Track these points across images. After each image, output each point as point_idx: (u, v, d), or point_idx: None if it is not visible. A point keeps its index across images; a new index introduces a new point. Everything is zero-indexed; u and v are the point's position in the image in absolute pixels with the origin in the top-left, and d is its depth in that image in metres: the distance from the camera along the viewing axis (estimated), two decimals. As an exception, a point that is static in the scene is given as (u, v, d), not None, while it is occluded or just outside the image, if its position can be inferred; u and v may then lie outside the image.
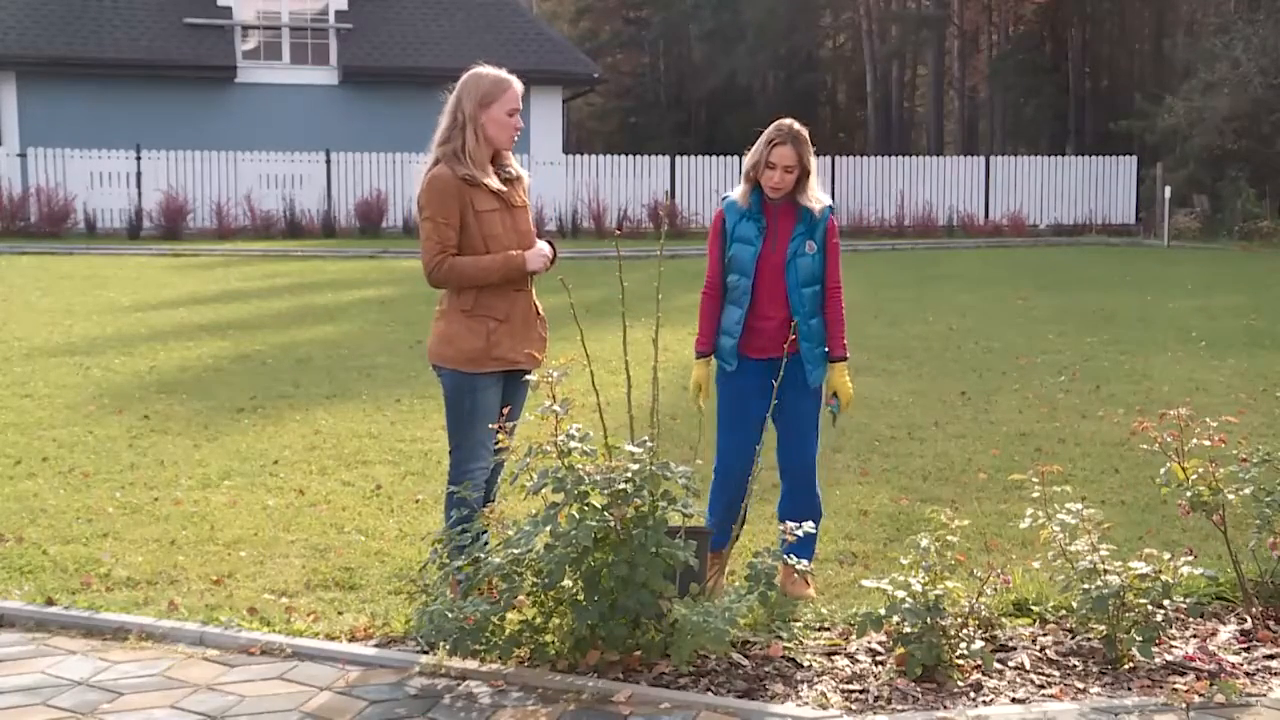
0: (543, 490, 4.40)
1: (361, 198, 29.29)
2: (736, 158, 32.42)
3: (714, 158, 32.77)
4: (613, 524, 4.28)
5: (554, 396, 4.53)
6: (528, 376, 4.77)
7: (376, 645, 4.58)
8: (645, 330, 4.94)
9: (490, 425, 4.73)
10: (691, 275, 5.61)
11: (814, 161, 5.27)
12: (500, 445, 4.67)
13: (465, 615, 4.23)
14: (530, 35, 33.69)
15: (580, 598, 4.30)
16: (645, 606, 4.28)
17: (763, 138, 5.25)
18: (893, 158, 34.70)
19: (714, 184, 31.97)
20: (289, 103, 31.41)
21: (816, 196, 5.30)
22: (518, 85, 4.95)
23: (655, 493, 4.39)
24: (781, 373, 5.08)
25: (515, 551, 4.36)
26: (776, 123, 5.30)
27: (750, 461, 5.16)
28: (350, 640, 4.63)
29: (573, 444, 4.47)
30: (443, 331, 4.93)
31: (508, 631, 4.35)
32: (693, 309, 5.62)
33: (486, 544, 4.50)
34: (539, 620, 4.41)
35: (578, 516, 4.28)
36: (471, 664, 4.28)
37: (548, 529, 4.34)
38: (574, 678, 4.19)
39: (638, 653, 4.32)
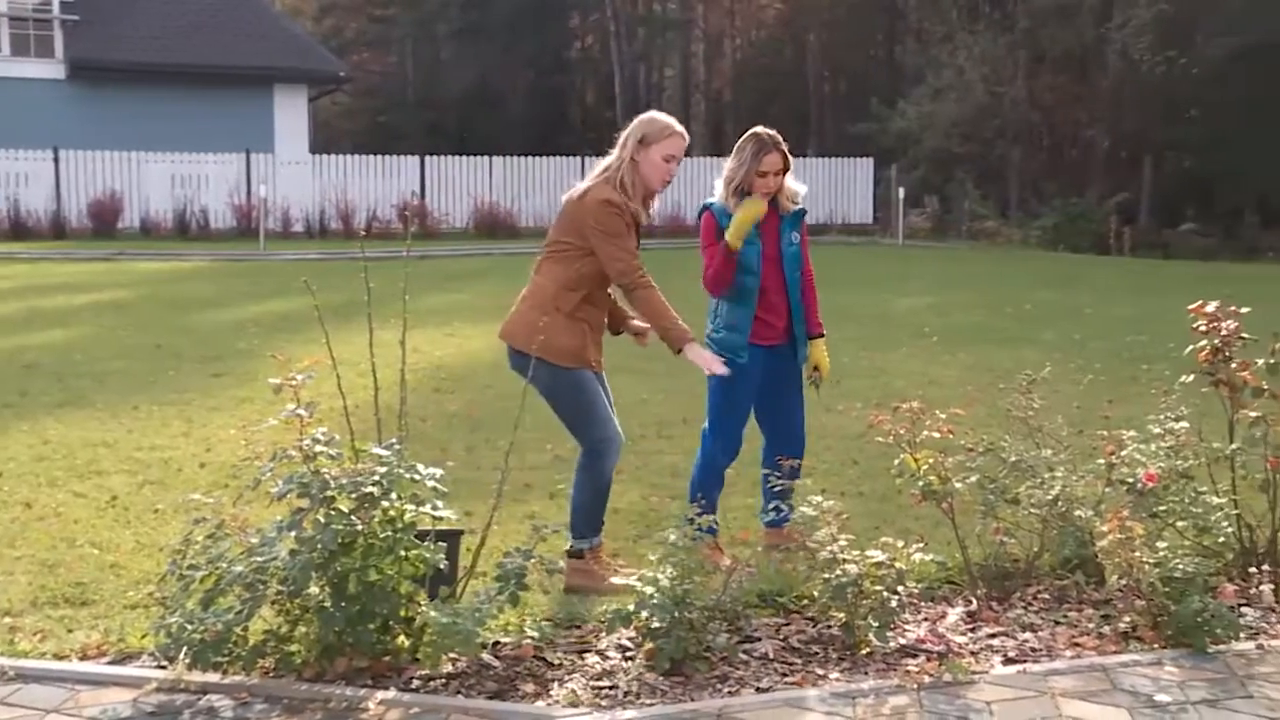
0: (288, 496, 4.30)
1: (94, 197, 28.06)
2: (488, 158, 32.42)
3: (466, 158, 32.59)
4: (360, 528, 4.21)
5: (298, 400, 4.45)
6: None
7: (110, 662, 4.39)
8: (394, 332, 4.88)
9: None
10: (442, 276, 5.58)
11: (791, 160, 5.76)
12: None
13: (206, 627, 4.10)
14: (272, 32, 32.88)
15: (327, 604, 4.22)
16: (394, 611, 4.23)
17: (747, 150, 5.65)
18: (641, 159, 35.08)
19: (466, 184, 31.78)
20: (10, 97, 29.84)
21: (794, 191, 5.82)
22: (684, 136, 5.38)
23: (403, 495, 4.34)
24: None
25: (259, 559, 4.25)
26: (752, 133, 5.73)
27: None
28: (82, 659, 4.43)
29: (318, 448, 4.38)
30: (541, 323, 5.17)
31: (251, 642, 4.23)
32: (444, 310, 5.66)
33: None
34: (284, 629, 4.30)
35: (324, 521, 4.20)
36: (213, 677, 4.15)
37: (293, 535, 4.25)
38: (321, 686, 4.10)
39: (387, 658, 4.26)
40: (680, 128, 5.39)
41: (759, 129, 5.78)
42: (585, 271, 5.30)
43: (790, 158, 5.74)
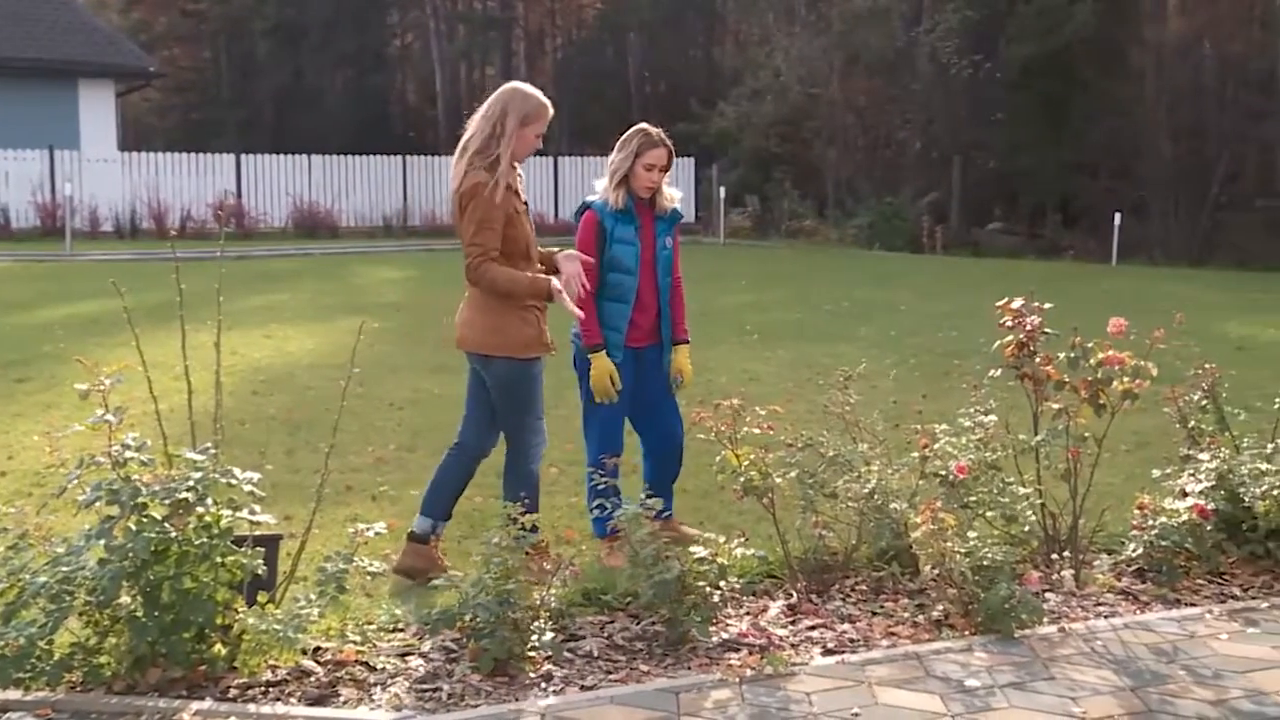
0: (96, 503, 4.17)
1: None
2: (307, 156, 31.86)
3: (283, 156, 31.95)
4: (174, 535, 4.10)
5: (107, 405, 4.31)
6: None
7: (-99, 683, 4.19)
8: (210, 334, 4.76)
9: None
10: (259, 277, 5.46)
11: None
12: None
13: (7, 641, 3.94)
14: (76, 25, 31.67)
15: (139, 614, 4.10)
16: (210, 619, 4.13)
17: (630, 143, 5.73)
18: (464, 158, 34.86)
19: (284, 183, 31.15)
20: None
21: (671, 194, 5.88)
22: (551, 109, 5.44)
23: (219, 500, 4.25)
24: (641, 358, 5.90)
25: (65, 569, 4.10)
26: (640, 127, 5.82)
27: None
28: None
29: (129, 454, 4.26)
30: (492, 322, 5.33)
31: (57, 655, 4.08)
32: (262, 311, 5.52)
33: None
34: (93, 641, 4.16)
35: (135, 529, 4.08)
36: (14, 694, 3.98)
37: (102, 543, 4.11)
38: (133, 699, 3.98)
39: (203, 667, 4.16)
40: (547, 100, 5.46)
41: (645, 125, 5.88)
42: (504, 252, 5.28)
43: (674, 157, 5.82)
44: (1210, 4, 30.31)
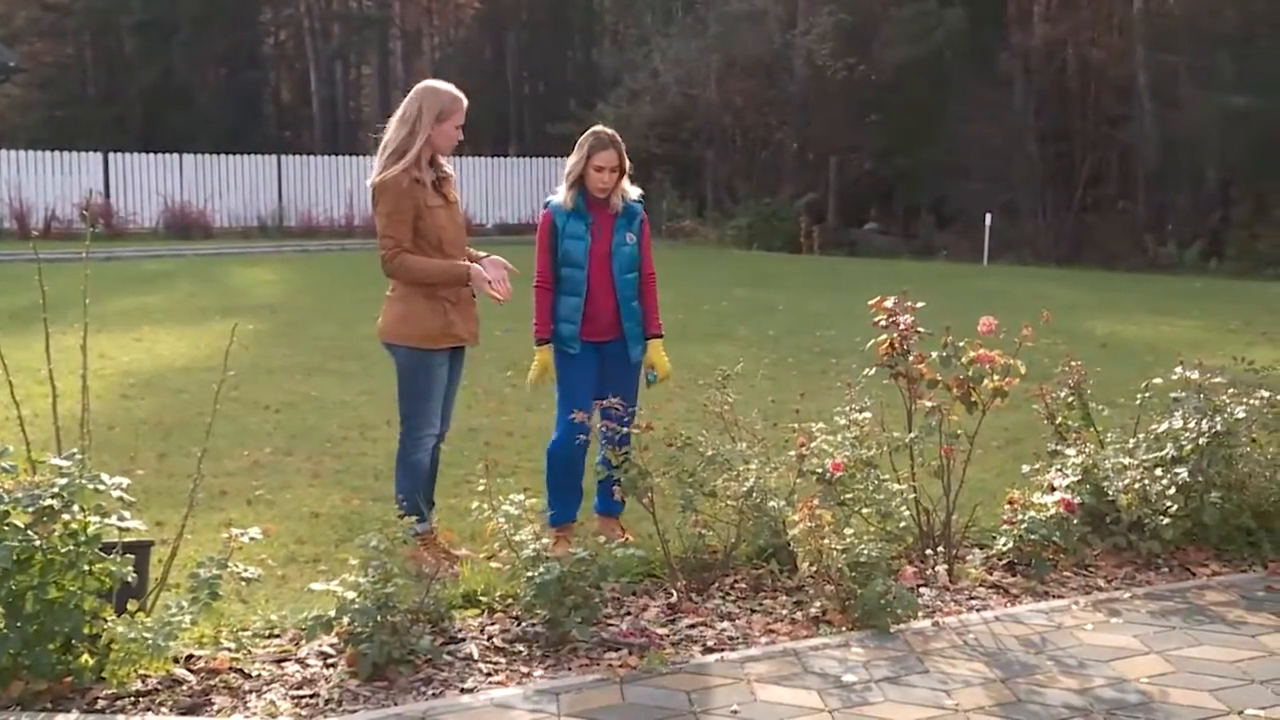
0: (-46, 514, 4.04)
1: None
2: (179, 155, 31.24)
3: (154, 155, 31.30)
4: (38, 543, 3.99)
5: (-34, 411, 4.19)
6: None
7: None
8: (78, 337, 4.64)
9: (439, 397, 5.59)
10: (129, 278, 5.34)
11: (628, 162, 5.97)
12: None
13: None
14: (-67, 16, 30.66)
15: (0, 625, 3.98)
16: (77, 629, 4.02)
17: (583, 146, 5.88)
18: (341, 157, 34.54)
19: (155, 183, 30.50)
20: None
21: (628, 192, 6.02)
22: (465, 102, 5.68)
23: (87, 507, 4.14)
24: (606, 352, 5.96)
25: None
26: (593, 130, 5.96)
27: (587, 435, 5.61)
28: None
29: (-12, 461, 4.14)
30: (401, 312, 5.53)
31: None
32: (132, 313, 5.40)
33: None
34: (-49, 656, 4.03)
35: (-4, 539, 3.96)
36: None
37: (-40, 555, 3.98)
38: (-5, 714, 3.87)
39: (69, 679, 4.05)
40: (460, 93, 5.70)
41: (599, 127, 6.01)
42: (417, 244, 5.46)
43: (626, 159, 5.95)
44: (1073, 12, 31.17)
